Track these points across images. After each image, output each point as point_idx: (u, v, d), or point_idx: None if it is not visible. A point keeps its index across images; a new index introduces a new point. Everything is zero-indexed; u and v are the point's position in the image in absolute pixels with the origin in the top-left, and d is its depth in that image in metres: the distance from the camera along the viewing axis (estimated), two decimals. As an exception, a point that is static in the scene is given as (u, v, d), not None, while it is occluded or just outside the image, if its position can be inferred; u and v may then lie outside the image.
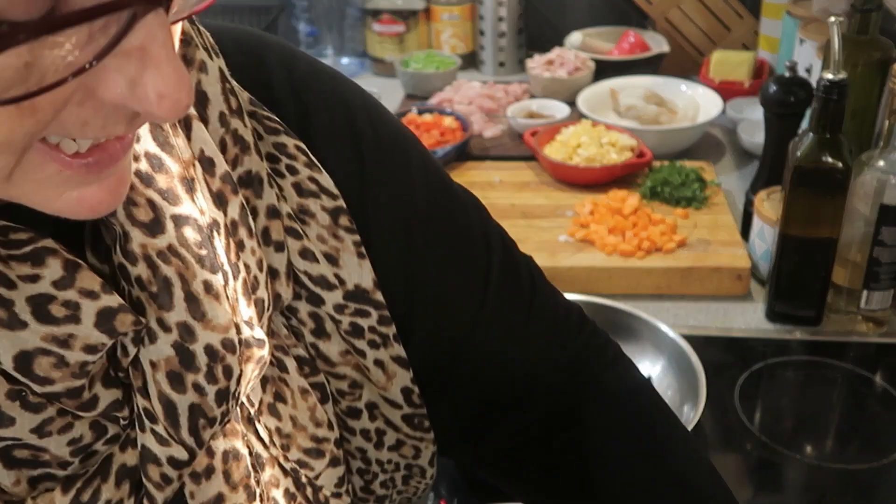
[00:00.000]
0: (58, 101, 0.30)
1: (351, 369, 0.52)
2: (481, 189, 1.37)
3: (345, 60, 1.95)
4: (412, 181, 0.56)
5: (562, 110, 1.59)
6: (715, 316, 1.15)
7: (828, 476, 0.91)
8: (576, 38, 1.81)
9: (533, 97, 1.70)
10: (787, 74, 1.20)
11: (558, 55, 1.72)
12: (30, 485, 0.41)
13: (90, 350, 0.39)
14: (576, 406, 0.62)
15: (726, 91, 1.59)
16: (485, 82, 1.74)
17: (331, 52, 1.94)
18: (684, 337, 0.99)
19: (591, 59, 1.72)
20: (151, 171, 0.42)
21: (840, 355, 1.07)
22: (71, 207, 0.34)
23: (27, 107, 0.29)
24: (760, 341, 1.09)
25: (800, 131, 1.15)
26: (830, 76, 0.98)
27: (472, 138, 1.51)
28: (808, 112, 1.12)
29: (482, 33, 1.88)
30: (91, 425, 0.42)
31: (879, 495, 0.90)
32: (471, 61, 1.92)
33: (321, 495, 0.53)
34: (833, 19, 0.97)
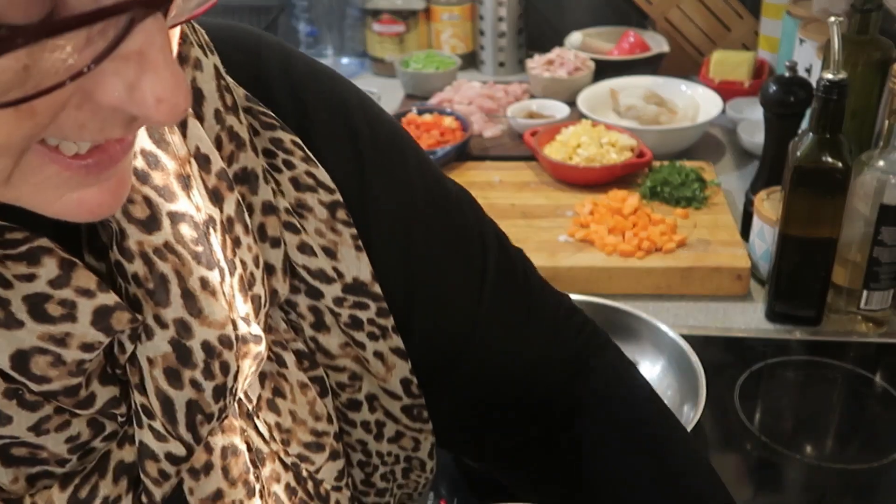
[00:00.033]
0: (56, 104, 0.30)
1: (351, 361, 0.53)
2: (481, 189, 1.38)
3: (345, 60, 1.95)
4: (409, 179, 0.57)
5: (562, 110, 1.59)
6: (715, 316, 1.15)
7: (828, 476, 0.91)
8: (576, 38, 1.81)
9: (533, 97, 1.70)
10: (787, 74, 1.20)
11: (558, 55, 1.72)
12: (28, 482, 0.41)
13: (87, 348, 0.39)
14: (575, 406, 0.62)
15: (726, 91, 1.59)
16: (485, 82, 1.74)
17: (331, 52, 1.94)
18: (684, 337, 0.99)
19: (591, 59, 1.72)
20: (147, 169, 0.42)
21: (840, 355, 1.07)
22: (71, 210, 0.34)
23: (25, 110, 0.29)
24: (760, 341, 1.09)
25: (800, 131, 1.15)
26: (830, 76, 0.98)
27: (472, 138, 1.51)
28: (808, 112, 1.12)
29: (482, 33, 1.88)
30: (89, 423, 0.42)
31: (879, 495, 0.90)
32: (471, 61, 1.92)
33: (322, 489, 0.53)
34: (833, 19, 0.97)
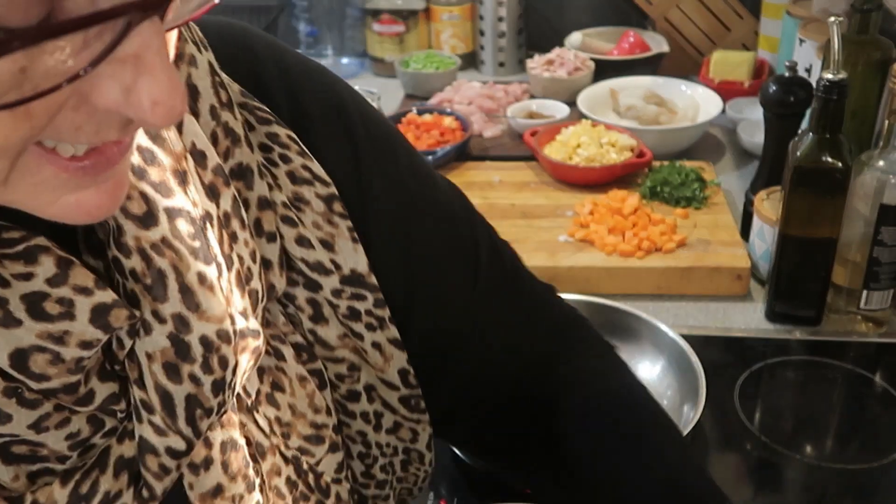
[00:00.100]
0: (52, 107, 0.30)
1: (349, 352, 0.53)
2: (481, 189, 1.38)
3: (345, 60, 1.95)
4: (404, 179, 0.58)
5: (562, 110, 1.59)
6: (715, 316, 1.15)
7: (828, 476, 0.91)
8: (576, 38, 1.81)
9: (533, 97, 1.70)
10: (787, 74, 1.20)
11: (558, 55, 1.72)
12: (29, 480, 0.41)
13: (85, 346, 0.39)
14: (561, 394, 0.63)
15: (726, 91, 1.59)
16: (485, 82, 1.74)
17: (331, 52, 1.94)
18: (684, 337, 0.99)
19: (590, 59, 1.72)
20: (144, 165, 0.42)
21: (840, 355, 1.07)
22: (68, 212, 0.35)
23: (22, 112, 0.29)
24: (760, 341, 1.09)
25: (800, 131, 1.15)
26: (830, 76, 0.98)
27: (472, 138, 1.51)
28: (808, 112, 1.12)
29: (482, 33, 1.88)
30: (88, 419, 0.42)
31: (879, 495, 0.90)
32: (471, 61, 1.92)
33: (322, 481, 0.53)
34: (833, 19, 0.97)
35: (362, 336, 0.53)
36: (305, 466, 0.52)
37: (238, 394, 0.47)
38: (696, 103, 1.57)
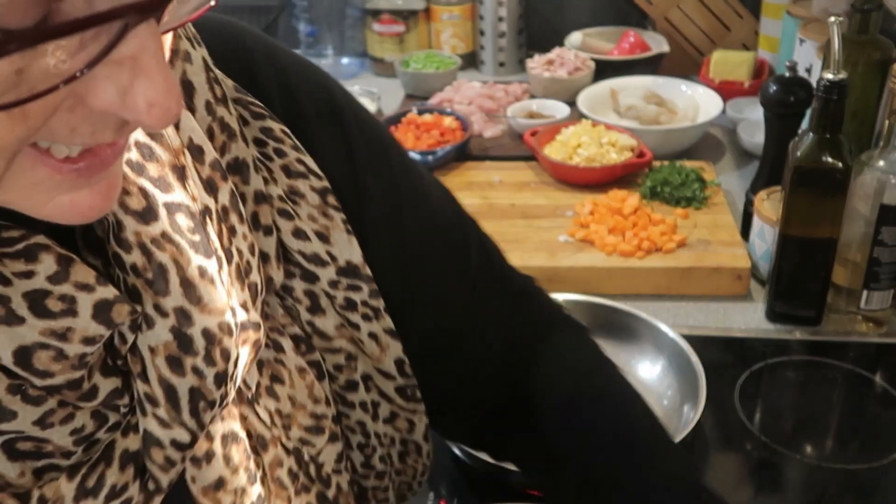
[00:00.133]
0: (48, 108, 0.30)
1: (346, 342, 0.54)
2: (481, 189, 1.37)
3: (345, 60, 1.94)
4: (396, 174, 0.59)
5: (562, 110, 1.59)
6: (715, 316, 1.15)
7: (828, 476, 0.91)
8: (576, 38, 1.81)
9: (533, 97, 1.70)
10: (787, 74, 1.20)
11: (558, 55, 1.72)
12: (34, 476, 0.41)
13: (88, 342, 0.40)
14: (545, 390, 0.65)
15: (726, 91, 1.59)
16: (485, 82, 1.74)
17: (331, 52, 1.94)
18: (684, 337, 0.99)
19: (591, 59, 1.72)
20: (142, 160, 0.42)
21: (840, 355, 1.07)
22: (62, 212, 0.35)
23: (18, 113, 0.29)
24: (760, 341, 1.09)
25: (800, 131, 1.15)
26: (830, 76, 0.98)
27: (472, 138, 1.51)
28: (808, 112, 1.12)
29: (482, 33, 1.88)
30: (92, 415, 0.42)
31: (879, 495, 0.90)
32: (471, 61, 1.92)
33: (323, 472, 0.54)
34: (833, 19, 0.97)
35: (359, 326, 0.53)
36: (307, 457, 0.53)
37: (238, 387, 0.48)
38: (696, 103, 1.57)
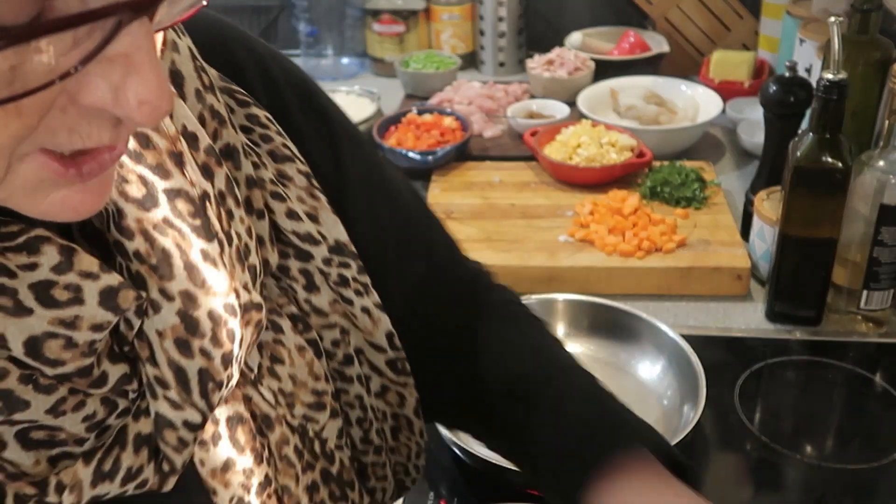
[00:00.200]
0: (42, 105, 0.31)
1: (340, 317, 0.55)
2: (481, 189, 1.37)
3: (345, 60, 1.94)
4: (369, 157, 0.62)
5: (562, 110, 1.59)
6: (715, 316, 1.15)
7: (828, 476, 0.91)
8: (576, 38, 1.81)
9: (533, 97, 1.70)
10: (787, 74, 1.20)
11: (558, 55, 1.72)
12: (49, 464, 0.42)
13: (97, 328, 0.40)
14: (484, 354, 0.67)
15: (726, 91, 1.59)
16: (485, 82, 1.74)
17: (331, 52, 1.94)
18: (684, 337, 0.99)
19: (591, 59, 1.72)
20: (140, 149, 0.43)
21: (840, 355, 1.07)
22: (55, 210, 0.36)
23: (12, 110, 0.30)
24: (760, 341, 1.09)
25: (800, 131, 1.15)
26: (830, 76, 0.98)
27: (472, 138, 1.51)
28: (808, 112, 1.12)
29: (482, 33, 1.88)
30: (102, 401, 0.43)
31: (879, 495, 0.90)
32: (471, 61, 1.92)
33: (327, 448, 0.55)
34: (833, 19, 0.97)
35: (352, 301, 0.55)
36: (311, 434, 0.54)
37: (241, 369, 0.49)
38: (696, 103, 1.57)
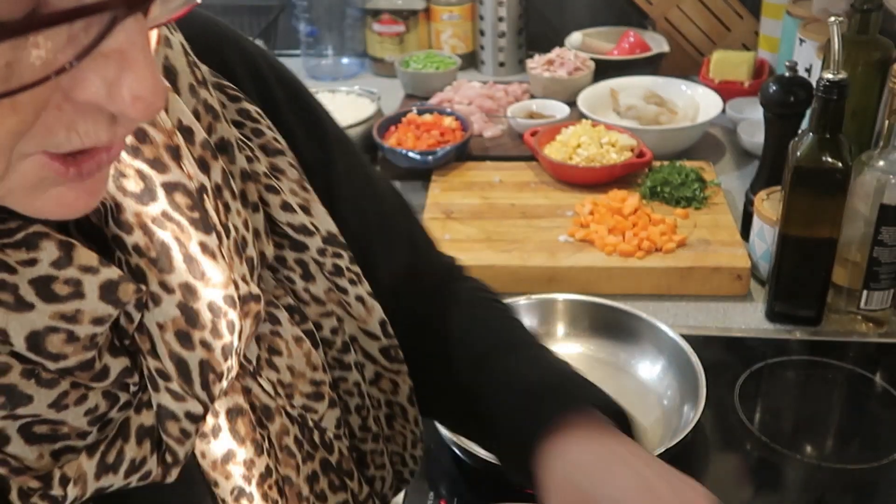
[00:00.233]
0: (37, 102, 0.31)
1: (335, 306, 0.56)
2: (481, 189, 1.37)
3: (345, 60, 1.94)
4: (352, 154, 0.63)
5: (562, 110, 1.59)
6: (715, 316, 1.15)
7: (828, 476, 0.91)
8: (576, 38, 1.81)
9: (533, 97, 1.70)
10: (787, 74, 1.20)
11: (558, 55, 1.72)
12: (52, 458, 0.42)
13: (98, 322, 0.41)
14: (449, 335, 0.68)
15: (726, 91, 1.59)
16: (485, 82, 1.74)
17: (331, 52, 1.94)
18: (684, 337, 0.99)
19: (591, 59, 1.72)
20: (137, 143, 0.43)
21: (840, 355, 1.07)
22: (49, 207, 0.36)
23: (7, 105, 0.30)
24: (760, 341, 1.09)
25: (800, 131, 1.15)
26: (830, 76, 0.98)
27: (472, 138, 1.51)
28: (808, 112, 1.12)
29: (482, 33, 1.88)
30: (104, 394, 0.43)
31: (879, 495, 0.90)
32: (471, 61, 1.92)
33: (326, 437, 0.56)
34: (833, 19, 0.97)
35: (346, 290, 0.56)
36: (311, 424, 0.54)
37: (240, 362, 0.49)
38: (696, 103, 1.57)
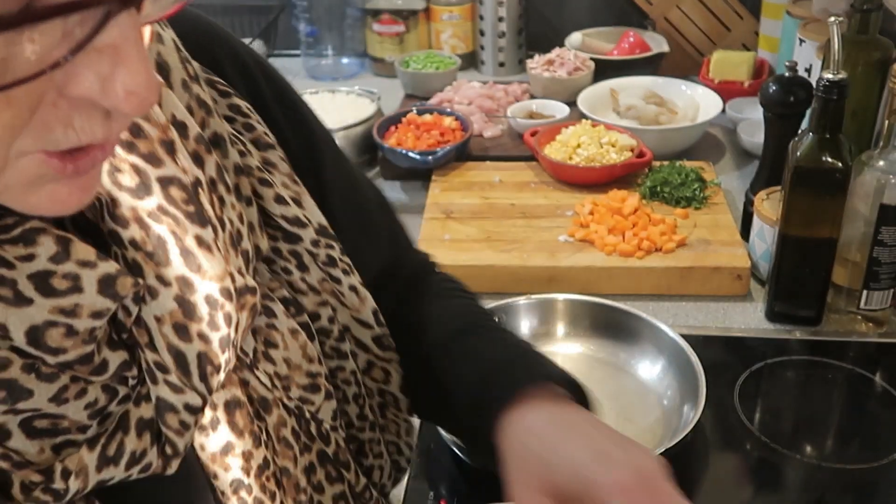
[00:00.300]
0: (33, 97, 0.31)
1: (329, 296, 0.57)
2: (481, 189, 1.37)
3: (345, 60, 1.94)
4: (337, 150, 0.65)
5: (562, 110, 1.59)
6: (715, 316, 1.15)
7: (828, 476, 0.91)
8: (576, 38, 1.81)
9: (533, 97, 1.70)
10: (787, 74, 1.20)
11: (558, 55, 1.72)
12: (53, 452, 0.43)
13: (97, 316, 0.41)
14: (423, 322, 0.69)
15: (726, 91, 1.59)
16: (485, 82, 1.74)
17: (331, 52, 1.94)
18: (684, 337, 0.99)
19: (590, 59, 1.72)
20: (132, 138, 0.44)
21: (840, 355, 1.07)
22: (44, 204, 0.36)
23: (2, 100, 0.30)
24: (760, 341, 1.09)
25: (800, 131, 1.15)
26: (830, 76, 0.98)
27: (472, 138, 1.51)
28: (808, 112, 1.12)
29: (482, 33, 1.88)
30: (103, 388, 0.44)
31: (879, 495, 0.90)
32: (471, 61, 1.92)
33: (323, 429, 0.56)
34: (833, 19, 0.97)
35: (340, 280, 0.57)
36: (307, 415, 0.55)
37: (237, 355, 0.49)
38: (696, 103, 1.57)
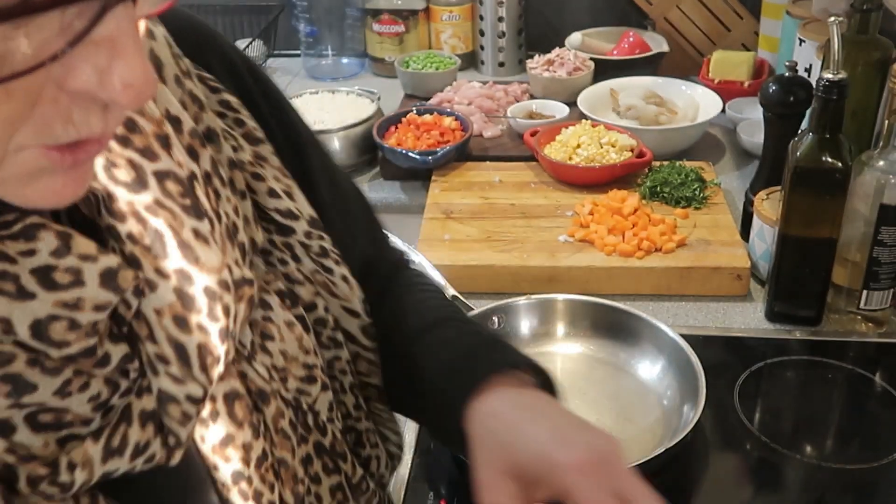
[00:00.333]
0: (31, 90, 0.32)
1: (321, 287, 0.58)
2: (481, 189, 1.37)
3: (345, 60, 1.95)
4: (318, 144, 0.66)
5: (562, 110, 1.59)
6: (714, 316, 1.15)
7: (828, 476, 0.91)
8: (576, 38, 1.81)
9: (533, 97, 1.70)
10: (787, 74, 1.20)
11: (558, 55, 1.72)
12: (58, 445, 0.43)
13: (99, 309, 0.41)
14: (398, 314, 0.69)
15: (726, 91, 1.59)
16: (485, 82, 1.74)
17: (331, 52, 1.94)
18: (684, 337, 0.99)
19: (590, 59, 1.72)
20: (127, 133, 0.44)
21: (840, 355, 1.07)
22: (38, 196, 0.37)
23: (1, 92, 0.30)
24: (760, 341, 1.09)
25: (800, 131, 1.15)
26: (830, 76, 0.98)
27: (472, 138, 1.51)
28: (808, 112, 1.12)
29: (482, 33, 1.88)
30: (106, 381, 0.44)
31: (879, 495, 0.90)
32: (471, 61, 1.92)
33: (319, 420, 0.57)
34: (833, 19, 0.97)
35: (332, 270, 0.57)
36: (305, 407, 0.55)
37: (236, 347, 0.50)
38: (696, 103, 1.57)
